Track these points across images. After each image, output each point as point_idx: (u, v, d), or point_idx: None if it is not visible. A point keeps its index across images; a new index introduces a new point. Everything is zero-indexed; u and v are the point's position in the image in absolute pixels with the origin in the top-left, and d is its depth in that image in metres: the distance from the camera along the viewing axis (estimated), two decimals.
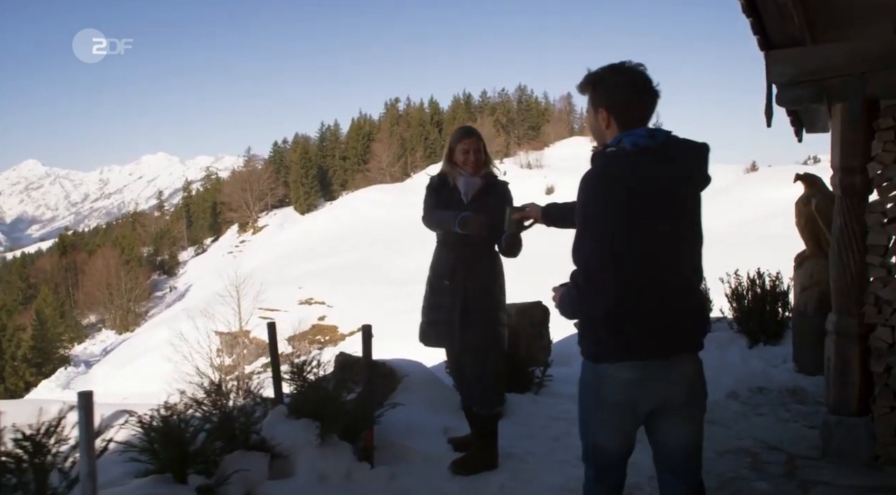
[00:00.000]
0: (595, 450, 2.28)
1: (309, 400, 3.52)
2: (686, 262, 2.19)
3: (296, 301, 41.90)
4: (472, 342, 3.57)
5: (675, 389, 2.16)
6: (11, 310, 64.00)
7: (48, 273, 77.33)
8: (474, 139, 3.64)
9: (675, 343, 2.15)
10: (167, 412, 3.02)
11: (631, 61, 2.18)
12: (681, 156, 2.14)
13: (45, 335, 57.33)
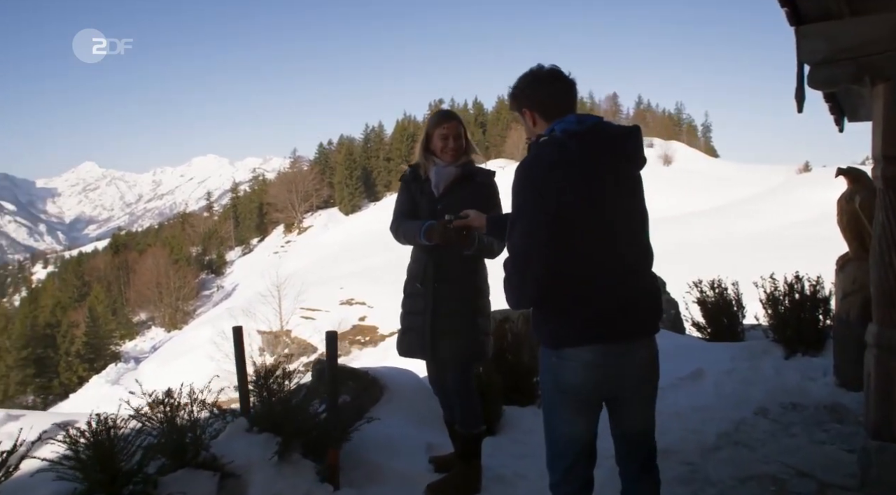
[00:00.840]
0: (560, 443, 2.30)
1: (271, 412, 3.17)
2: (630, 244, 2.22)
3: (337, 301, 41.97)
4: (445, 352, 3.19)
5: (632, 373, 2.22)
6: (66, 307, 66.02)
7: (101, 271, 79.44)
8: (454, 123, 3.19)
9: (631, 326, 2.19)
10: (99, 425, 2.70)
11: (541, 65, 2.30)
12: (612, 139, 2.19)
13: (97, 331, 58.89)
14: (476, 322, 3.20)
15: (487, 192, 3.13)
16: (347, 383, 3.93)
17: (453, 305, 3.15)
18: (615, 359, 2.16)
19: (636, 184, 2.26)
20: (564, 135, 2.14)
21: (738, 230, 35.29)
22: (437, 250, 3.12)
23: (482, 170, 3.23)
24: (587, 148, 2.13)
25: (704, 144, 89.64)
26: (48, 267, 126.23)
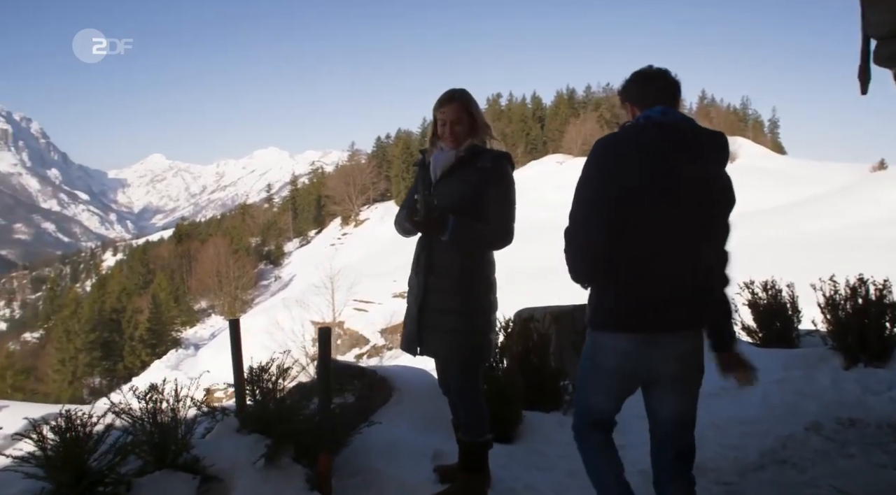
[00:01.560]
0: (587, 411, 2.48)
1: (263, 412, 2.95)
2: (686, 241, 2.24)
3: (390, 294, 42.07)
4: (436, 349, 2.94)
5: (667, 363, 2.29)
6: (131, 294, 68.31)
7: (165, 260, 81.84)
8: (454, 106, 2.86)
9: (667, 319, 2.23)
10: (69, 420, 2.51)
11: (651, 65, 2.45)
12: (691, 138, 2.25)
13: (160, 318, 60.75)
14: (471, 319, 2.89)
15: (483, 178, 2.81)
16: (353, 382, 3.70)
17: (445, 299, 2.88)
18: (647, 347, 2.26)
19: (706, 187, 2.26)
20: (647, 122, 2.26)
21: (801, 230, 33.79)
22: (432, 240, 2.88)
23: (487, 154, 2.89)
24: (664, 139, 2.22)
25: (771, 141, 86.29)
26: (117, 254, 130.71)
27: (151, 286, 68.90)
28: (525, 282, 25.60)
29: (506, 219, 2.83)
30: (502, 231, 2.82)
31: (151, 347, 57.02)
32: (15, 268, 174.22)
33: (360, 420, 3.30)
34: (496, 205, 2.81)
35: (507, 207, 2.83)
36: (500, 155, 2.89)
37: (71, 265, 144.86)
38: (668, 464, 2.43)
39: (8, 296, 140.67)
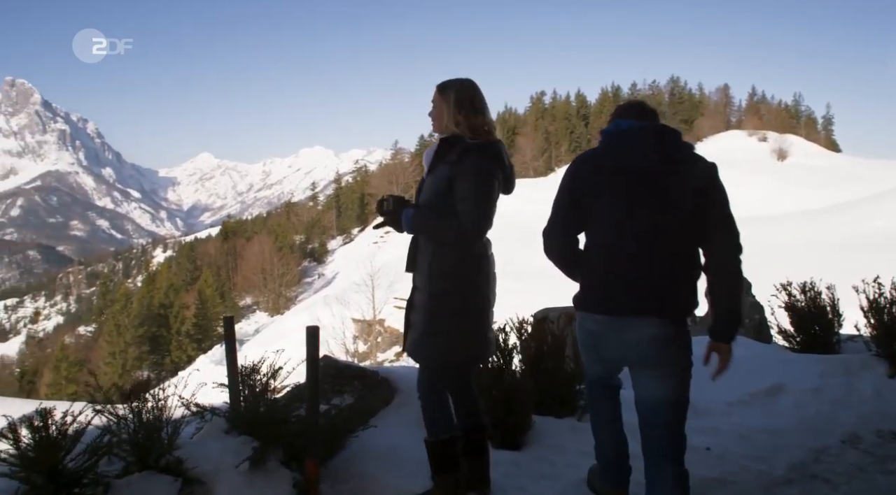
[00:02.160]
0: (588, 377, 2.91)
1: (252, 414, 2.83)
2: (648, 231, 2.45)
3: None
4: (408, 347, 2.85)
5: (631, 348, 2.50)
6: (179, 289, 69.78)
7: (212, 257, 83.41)
8: (435, 95, 2.82)
9: (629, 304, 2.45)
10: (43, 419, 2.42)
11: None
12: (641, 139, 2.53)
13: (205, 313, 61.95)
14: (432, 318, 2.74)
15: (451, 171, 2.69)
16: (352, 383, 3.55)
17: (419, 297, 2.81)
18: (608, 330, 2.53)
19: (649, 178, 2.47)
20: (603, 137, 2.66)
21: (852, 230, 32.54)
22: (417, 236, 2.86)
23: (458, 146, 2.71)
24: (615, 146, 2.58)
25: (825, 138, 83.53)
26: (167, 251, 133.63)
27: (198, 282, 70.26)
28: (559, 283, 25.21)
29: (469, 213, 2.66)
30: (466, 225, 2.67)
31: (197, 342, 58.21)
32: (71, 263, 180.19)
33: (357, 423, 3.16)
34: (460, 199, 2.67)
35: (471, 202, 2.67)
36: (470, 148, 2.69)
37: (123, 261, 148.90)
38: (653, 460, 2.58)
39: (65, 291, 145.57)
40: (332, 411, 3.13)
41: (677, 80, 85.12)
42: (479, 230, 2.70)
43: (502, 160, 2.76)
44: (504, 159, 2.77)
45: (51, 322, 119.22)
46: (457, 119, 2.74)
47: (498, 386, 3.50)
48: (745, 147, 68.91)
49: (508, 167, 2.81)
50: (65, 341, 67.36)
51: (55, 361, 54.87)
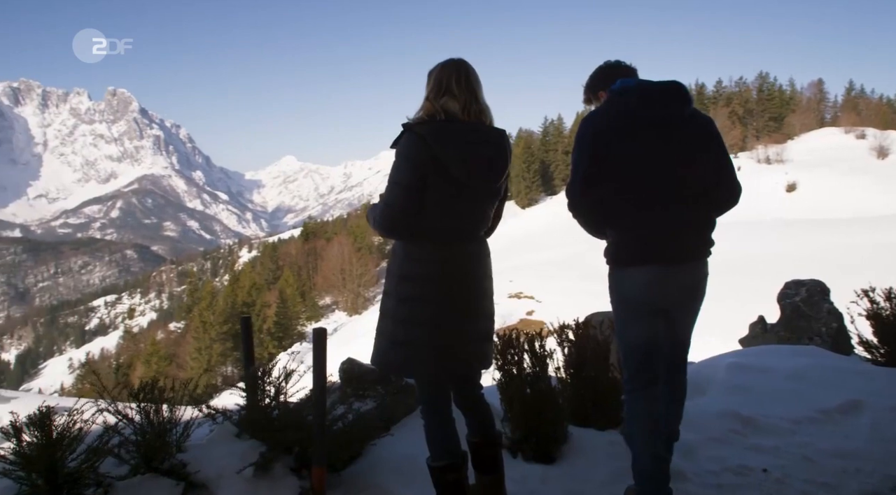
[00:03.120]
0: (630, 347, 2.75)
1: (261, 417, 2.71)
2: (684, 179, 2.62)
3: (506, 294, 41.70)
4: (374, 357, 2.62)
5: (686, 291, 2.72)
6: (261, 288, 71.98)
7: (293, 257, 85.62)
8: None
9: (682, 251, 2.66)
10: (44, 418, 2.37)
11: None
12: (655, 93, 2.68)
13: (286, 312, 63.64)
14: (382, 323, 2.56)
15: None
16: (375, 388, 3.39)
17: (388, 302, 2.59)
18: (666, 277, 2.64)
19: (680, 131, 2.66)
20: (614, 93, 2.72)
21: None
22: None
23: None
24: (641, 101, 2.65)
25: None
26: (252, 251, 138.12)
27: (279, 282, 72.20)
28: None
29: (381, 199, 2.48)
30: (374, 212, 2.51)
31: (278, 340, 59.78)
32: (164, 262, 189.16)
33: (377, 430, 3.00)
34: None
35: (386, 187, 2.48)
36: (403, 128, 2.47)
37: (211, 261, 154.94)
38: (671, 364, 2.85)
39: (158, 289, 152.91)
40: (348, 416, 2.98)
41: (766, 75, 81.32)
42: (384, 217, 2.45)
43: (441, 140, 2.38)
44: (446, 140, 2.39)
45: (145, 318, 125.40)
46: (427, 102, 2.51)
47: (530, 395, 3.26)
48: (841, 145, 65.17)
49: (460, 149, 2.40)
50: (156, 336, 70.49)
51: (146, 355, 57.60)
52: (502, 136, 2.54)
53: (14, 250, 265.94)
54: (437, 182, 2.40)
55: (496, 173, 2.51)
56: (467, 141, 2.42)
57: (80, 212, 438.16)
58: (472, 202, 2.48)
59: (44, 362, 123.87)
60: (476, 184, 2.46)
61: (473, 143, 2.43)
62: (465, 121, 2.47)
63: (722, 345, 7.14)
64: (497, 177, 2.52)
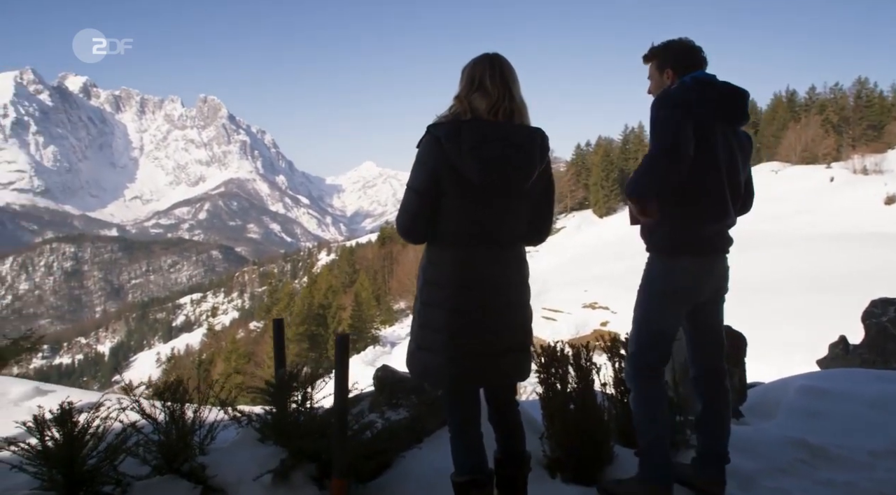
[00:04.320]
0: (654, 336, 2.80)
1: (285, 423, 2.63)
2: (735, 180, 2.76)
3: (580, 304, 41.10)
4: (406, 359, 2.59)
5: (720, 280, 2.87)
6: (337, 291, 73.35)
7: (369, 261, 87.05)
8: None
9: (723, 245, 2.82)
10: (65, 414, 2.36)
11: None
12: (725, 93, 2.72)
13: (361, 315, 64.57)
14: (424, 331, 2.44)
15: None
16: (409, 398, 3.26)
17: (415, 305, 2.53)
18: (712, 267, 2.78)
19: (742, 137, 2.82)
20: (694, 82, 2.68)
21: None
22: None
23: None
24: (719, 98, 2.69)
25: None
26: (330, 254, 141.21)
27: (355, 285, 73.39)
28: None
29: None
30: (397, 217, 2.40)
31: (352, 343, 60.75)
32: (247, 263, 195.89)
33: (408, 441, 2.88)
34: None
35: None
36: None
37: (291, 263, 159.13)
38: (710, 378, 2.93)
39: (240, 289, 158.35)
40: (375, 425, 2.87)
41: (865, 81, 77.02)
42: (399, 221, 2.37)
43: (456, 142, 2.24)
44: (462, 141, 2.24)
45: (228, 316, 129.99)
46: (456, 100, 2.38)
47: (573, 411, 3.06)
48: None
49: (475, 150, 2.24)
50: (236, 335, 72.84)
51: (227, 353, 59.57)
52: (531, 135, 2.35)
53: (111, 248, 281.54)
54: (452, 185, 2.27)
55: (520, 175, 2.33)
56: (485, 141, 2.26)
57: (170, 213, 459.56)
58: (492, 205, 2.33)
59: (134, 355, 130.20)
60: (496, 188, 2.30)
61: (492, 143, 2.26)
62: (490, 120, 2.32)
63: (798, 367, 6.68)
64: (521, 179, 2.34)
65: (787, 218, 47.69)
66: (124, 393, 2.69)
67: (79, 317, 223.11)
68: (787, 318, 21.00)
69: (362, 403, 3.24)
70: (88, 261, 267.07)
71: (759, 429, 3.89)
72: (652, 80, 2.89)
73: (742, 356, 4.20)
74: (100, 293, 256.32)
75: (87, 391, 4.94)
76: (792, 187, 56.09)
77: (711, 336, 2.91)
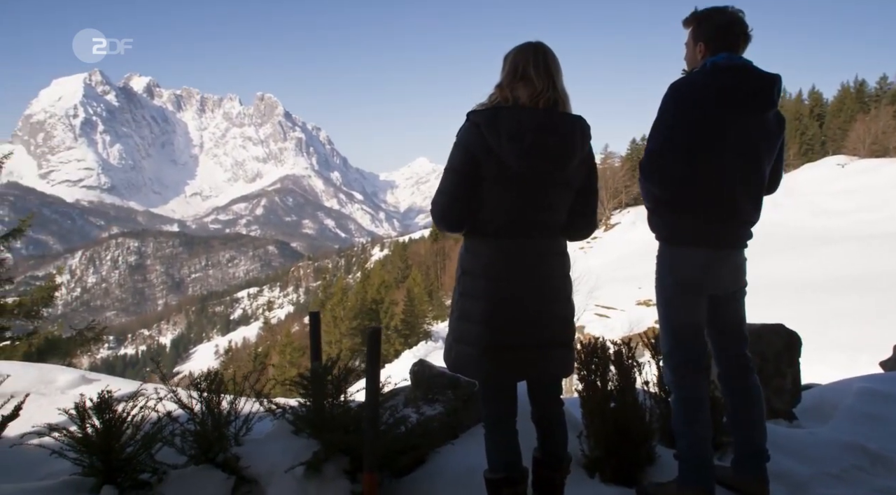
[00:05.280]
0: (678, 330, 2.73)
1: (318, 416, 2.63)
2: (752, 173, 2.62)
3: (634, 300, 40.48)
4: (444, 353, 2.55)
5: (736, 274, 2.76)
6: (390, 286, 73.89)
7: (422, 257, 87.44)
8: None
9: (739, 239, 2.71)
10: (103, 404, 2.40)
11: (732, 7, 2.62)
12: (753, 80, 2.55)
13: (413, 311, 64.91)
14: (460, 323, 2.41)
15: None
16: (445, 393, 3.22)
17: (453, 296, 2.55)
18: (720, 261, 2.67)
19: (768, 126, 2.61)
20: (713, 68, 2.54)
21: None
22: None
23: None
24: (741, 86, 2.52)
25: None
26: (384, 250, 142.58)
27: (408, 281, 73.85)
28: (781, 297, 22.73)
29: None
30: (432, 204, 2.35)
31: (404, 337, 61.09)
32: (302, 258, 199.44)
33: (443, 437, 2.84)
34: None
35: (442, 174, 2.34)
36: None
37: (345, 258, 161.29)
38: (736, 374, 2.83)
39: (295, 283, 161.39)
40: (410, 420, 2.84)
41: None
42: (435, 204, 2.32)
43: (496, 128, 2.20)
44: (502, 128, 2.20)
45: (283, 310, 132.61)
46: (498, 88, 2.32)
47: (613, 410, 2.97)
48: None
49: (516, 137, 2.20)
50: (291, 329, 74.18)
51: (281, 346, 60.74)
52: (573, 123, 2.29)
53: (172, 243, 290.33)
54: (491, 172, 2.22)
55: (558, 162, 2.26)
56: (526, 128, 2.20)
57: (228, 209, 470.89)
58: (531, 194, 2.26)
59: (194, 347, 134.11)
60: (534, 175, 2.24)
61: (533, 131, 2.20)
62: (530, 107, 2.26)
63: (863, 369, 6.40)
64: (560, 166, 2.27)
65: (853, 213, 45.90)
66: (162, 383, 2.73)
67: (142, 310, 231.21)
68: (851, 318, 20.21)
69: (398, 398, 3.21)
70: (151, 256, 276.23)
71: (813, 433, 3.72)
72: (687, 48, 2.74)
73: (796, 356, 4.02)
74: (161, 286, 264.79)
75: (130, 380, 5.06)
76: (859, 181, 53.92)
77: (732, 331, 2.82)
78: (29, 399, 2.96)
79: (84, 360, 31.25)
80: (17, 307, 12.24)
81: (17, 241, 12.68)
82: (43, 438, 2.46)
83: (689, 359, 2.70)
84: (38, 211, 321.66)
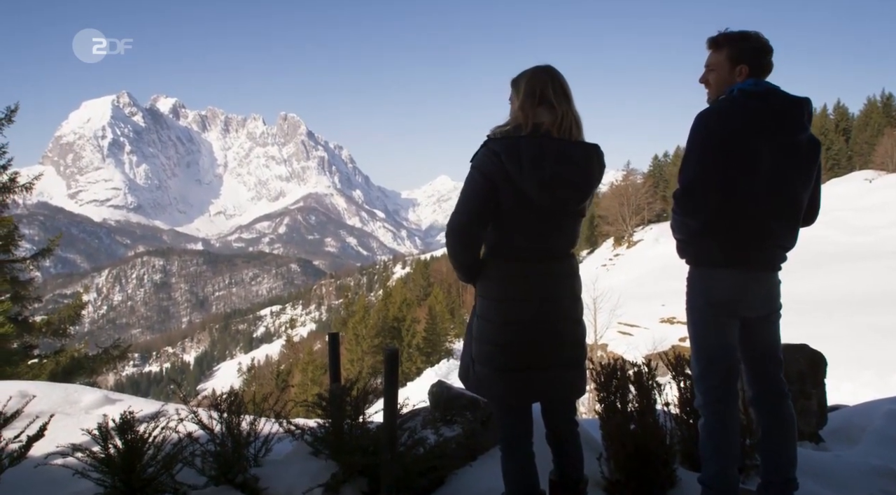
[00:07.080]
0: (710, 352, 2.67)
1: (335, 438, 2.64)
2: (785, 197, 2.57)
3: (657, 318, 40.08)
4: (460, 373, 2.56)
5: (769, 298, 2.71)
6: (411, 304, 73.95)
7: (444, 274, 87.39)
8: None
9: (772, 262, 2.66)
10: (125, 425, 2.43)
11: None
12: (781, 105, 2.53)
13: (434, 329, 64.84)
14: (478, 344, 2.40)
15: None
16: (464, 414, 3.21)
17: (471, 318, 2.53)
18: (753, 283, 2.63)
19: (800, 150, 2.57)
20: (741, 95, 2.53)
21: None
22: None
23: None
24: (773, 113, 2.51)
25: None
26: (405, 268, 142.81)
27: (429, 298, 73.83)
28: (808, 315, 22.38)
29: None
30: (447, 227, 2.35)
31: (426, 355, 61.01)
32: (324, 276, 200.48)
33: (462, 458, 2.83)
34: None
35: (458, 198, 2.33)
36: (484, 142, 2.31)
37: (367, 276, 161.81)
38: (770, 399, 2.75)
39: (318, 301, 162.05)
40: (428, 441, 2.84)
41: None
42: (450, 226, 2.32)
43: (516, 158, 2.20)
44: (522, 157, 2.20)
45: (305, 328, 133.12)
46: (518, 112, 2.33)
47: (634, 432, 2.94)
48: None
49: (536, 169, 2.21)
50: (313, 347, 74.36)
51: (304, 364, 60.91)
52: (590, 153, 2.32)
53: (196, 261, 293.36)
54: (509, 199, 2.24)
55: (577, 196, 2.30)
56: (546, 159, 2.22)
57: (252, 227, 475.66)
58: (548, 222, 2.29)
59: (217, 365, 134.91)
60: (552, 205, 2.26)
61: (553, 163, 2.23)
62: (552, 136, 2.28)
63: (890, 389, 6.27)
64: (578, 199, 2.32)
65: (881, 229, 45.14)
66: (184, 404, 2.75)
67: (167, 328, 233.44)
68: (881, 336, 19.83)
69: (417, 419, 3.21)
70: (176, 274, 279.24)
71: (840, 456, 3.65)
72: (716, 70, 2.65)
73: (822, 377, 3.95)
74: (186, 304, 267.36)
75: (152, 400, 5.11)
76: (888, 197, 53.06)
77: (766, 354, 2.74)
78: (54, 419, 3.01)
79: (109, 378, 31.70)
80: (45, 325, 12.46)
81: (45, 260, 12.94)
82: (67, 458, 2.51)
83: (720, 382, 2.64)
84: (66, 230, 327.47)
